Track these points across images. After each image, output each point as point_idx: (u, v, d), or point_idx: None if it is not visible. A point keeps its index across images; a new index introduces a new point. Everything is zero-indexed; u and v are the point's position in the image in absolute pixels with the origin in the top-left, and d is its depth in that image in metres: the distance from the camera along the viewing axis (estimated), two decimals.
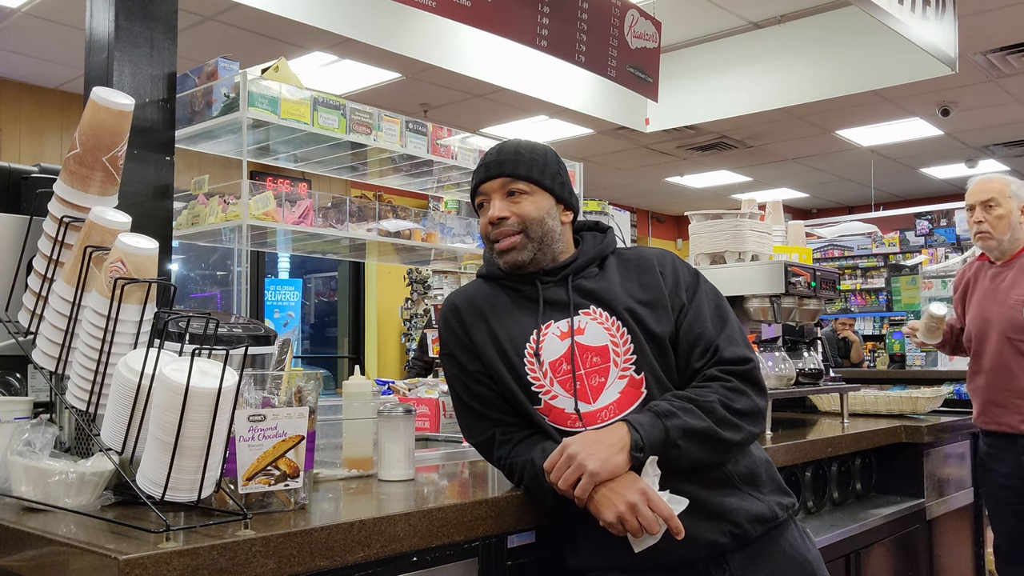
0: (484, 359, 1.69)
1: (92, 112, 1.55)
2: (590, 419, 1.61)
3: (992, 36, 5.90)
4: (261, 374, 1.47)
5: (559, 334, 1.67)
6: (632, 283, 1.72)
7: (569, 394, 1.63)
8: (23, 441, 1.45)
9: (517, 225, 1.68)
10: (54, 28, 5.67)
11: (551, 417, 1.64)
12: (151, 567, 1.11)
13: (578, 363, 1.64)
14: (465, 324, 1.72)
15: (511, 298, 1.73)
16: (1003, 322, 2.99)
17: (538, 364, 1.65)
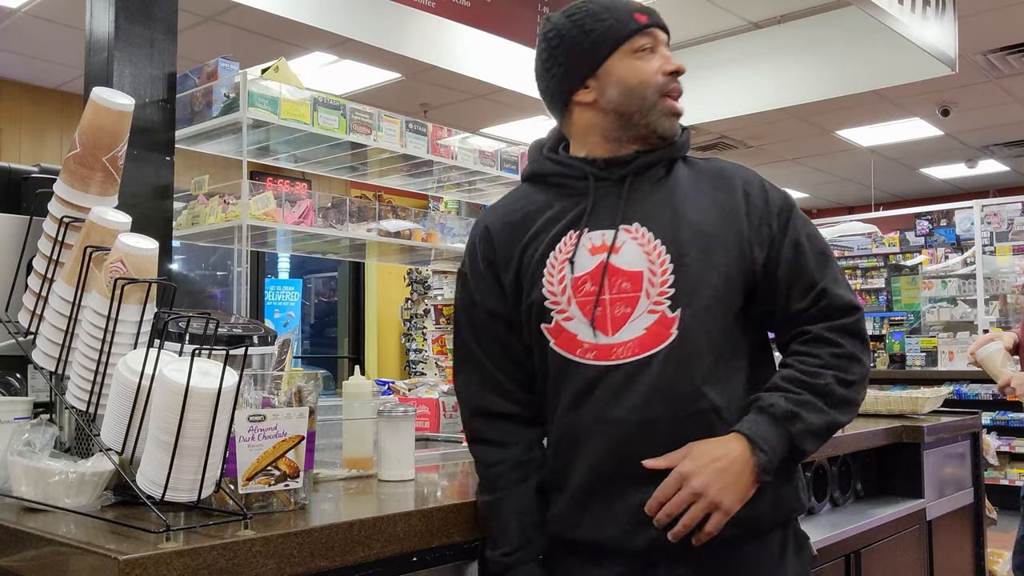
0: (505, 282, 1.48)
1: (92, 112, 1.55)
2: (603, 353, 1.38)
3: (992, 36, 5.90)
4: (261, 374, 1.47)
5: (590, 247, 1.43)
6: (702, 200, 1.45)
7: (586, 318, 1.40)
8: (23, 441, 1.45)
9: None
10: (54, 28, 5.67)
11: (558, 340, 1.42)
12: (151, 567, 1.11)
13: (605, 285, 1.40)
14: (494, 249, 1.51)
15: (554, 200, 1.49)
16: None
17: (558, 278, 1.43)
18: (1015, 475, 6.86)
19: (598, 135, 1.48)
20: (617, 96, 1.44)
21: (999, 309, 7.39)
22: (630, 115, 1.44)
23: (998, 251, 7.68)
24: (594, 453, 1.39)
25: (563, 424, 1.43)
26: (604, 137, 1.48)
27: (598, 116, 1.47)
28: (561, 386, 1.42)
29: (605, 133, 1.48)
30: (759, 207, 1.46)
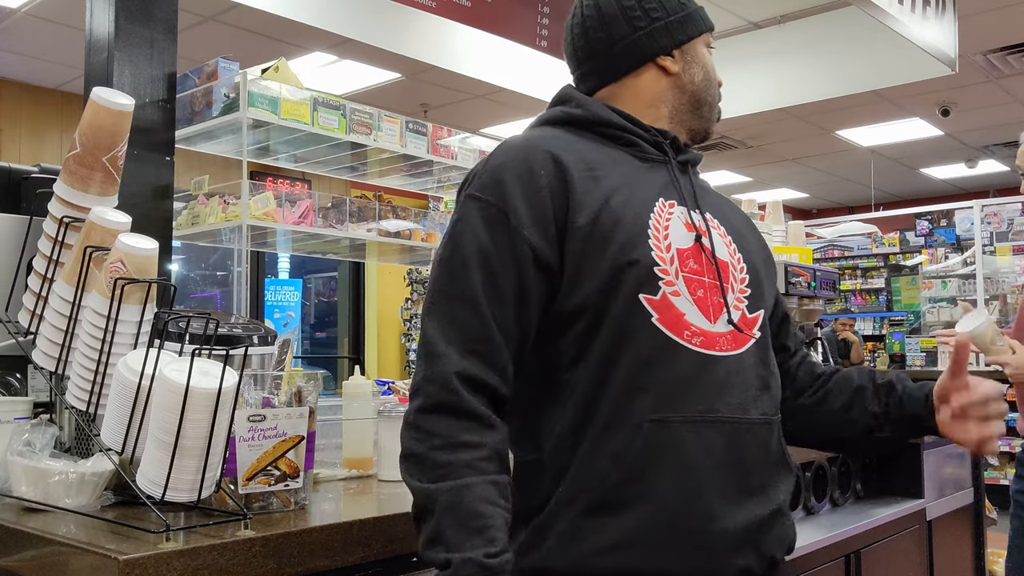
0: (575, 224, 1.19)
1: (92, 112, 1.55)
2: (709, 341, 1.21)
3: (992, 36, 5.90)
4: (261, 374, 1.47)
5: (685, 222, 1.27)
6: (739, 218, 1.42)
7: (691, 298, 1.22)
8: (23, 441, 1.45)
9: None
10: (54, 28, 5.67)
11: (662, 317, 1.18)
12: (151, 567, 1.11)
13: (705, 266, 1.26)
14: (568, 182, 1.20)
15: (628, 158, 1.31)
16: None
17: (664, 244, 1.23)
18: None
19: (667, 109, 1.38)
20: (700, 80, 1.39)
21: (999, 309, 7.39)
22: (704, 103, 1.40)
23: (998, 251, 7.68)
24: (692, 458, 1.16)
25: (662, 419, 1.15)
26: (671, 114, 1.38)
27: (674, 91, 1.37)
28: (656, 372, 1.16)
29: (674, 111, 1.38)
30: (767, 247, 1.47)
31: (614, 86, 1.38)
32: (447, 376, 1.12)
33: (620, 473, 1.14)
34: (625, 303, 1.17)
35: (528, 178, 1.20)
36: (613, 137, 1.32)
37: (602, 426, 1.16)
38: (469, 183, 1.24)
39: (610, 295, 1.17)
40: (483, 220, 1.18)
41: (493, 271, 1.16)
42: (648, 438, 1.14)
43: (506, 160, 1.22)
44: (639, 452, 1.14)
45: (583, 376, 1.18)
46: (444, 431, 1.11)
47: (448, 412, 1.12)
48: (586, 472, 1.15)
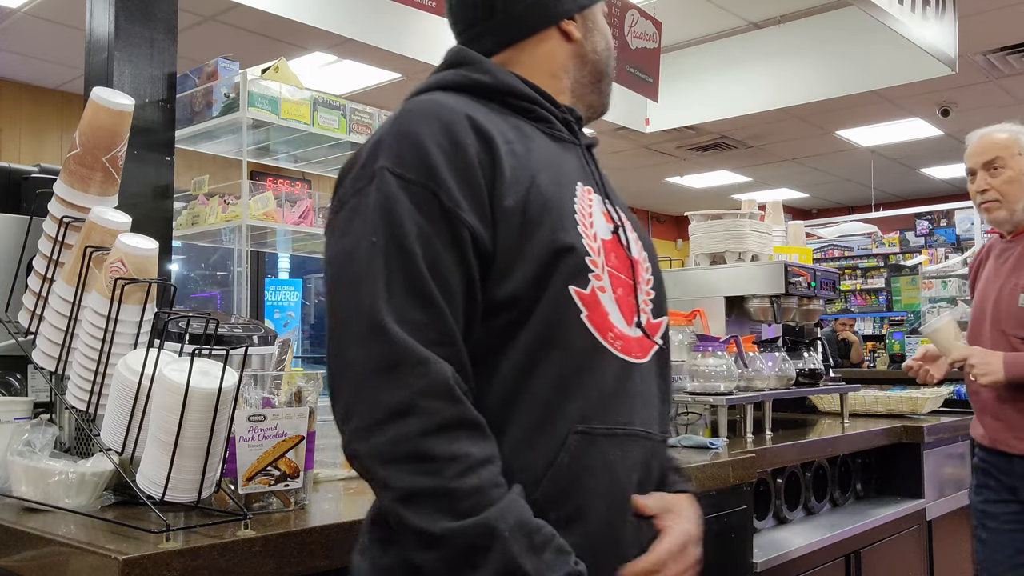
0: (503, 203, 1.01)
1: (92, 112, 1.55)
2: (628, 346, 1.08)
3: (992, 36, 5.90)
4: (261, 374, 1.47)
5: (603, 211, 1.12)
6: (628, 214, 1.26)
7: (614, 296, 1.08)
8: (23, 441, 1.45)
9: None
10: (54, 28, 5.67)
11: (591, 315, 1.04)
12: (151, 567, 1.11)
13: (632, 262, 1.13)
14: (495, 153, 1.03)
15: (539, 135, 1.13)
16: (998, 311, 2.39)
17: (591, 232, 1.07)
18: None
19: (568, 82, 1.21)
20: (602, 49, 1.23)
21: None
22: (604, 76, 1.24)
23: None
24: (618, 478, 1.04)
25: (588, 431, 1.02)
26: (572, 88, 1.21)
27: (575, 61, 1.21)
28: (582, 378, 1.03)
29: (575, 85, 1.21)
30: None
31: (512, 51, 1.18)
32: (446, 383, 0.93)
33: (542, 492, 0.99)
34: (555, 296, 1.02)
35: (454, 151, 1.01)
36: (522, 110, 1.13)
37: (521, 437, 1.00)
38: (376, 155, 1.01)
39: (540, 286, 1.01)
40: (412, 202, 0.98)
41: (438, 260, 0.97)
42: (574, 453, 1.00)
43: (425, 129, 1.01)
44: (564, 469, 0.99)
45: (498, 377, 1.01)
46: (462, 451, 0.92)
47: (462, 427, 0.93)
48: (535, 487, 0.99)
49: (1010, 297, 2.36)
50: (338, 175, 1.07)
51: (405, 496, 0.91)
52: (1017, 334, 2.32)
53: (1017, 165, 2.43)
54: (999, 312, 2.37)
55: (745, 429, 2.50)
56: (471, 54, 1.16)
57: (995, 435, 2.40)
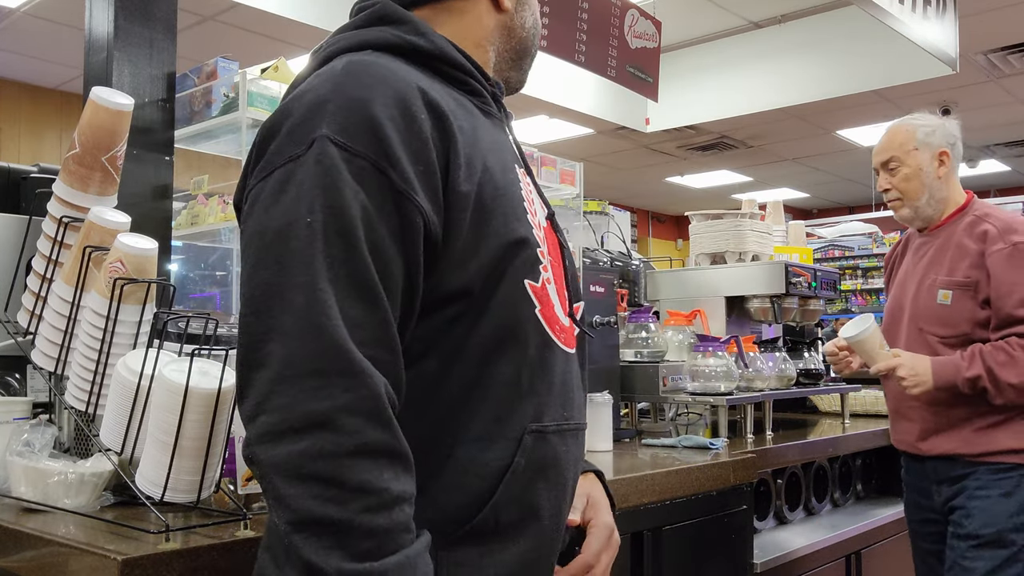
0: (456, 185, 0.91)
1: (91, 112, 1.55)
2: (568, 339, 1.04)
3: (992, 36, 5.90)
4: None
5: (536, 199, 1.05)
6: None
7: (556, 287, 1.02)
8: (22, 442, 1.44)
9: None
10: (54, 28, 5.66)
11: (543, 310, 0.98)
12: (151, 568, 1.11)
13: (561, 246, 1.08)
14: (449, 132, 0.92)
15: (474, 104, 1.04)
16: (916, 307, 2.29)
17: (535, 221, 1.00)
18: None
19: (492, 54, 1.11)
20: (530, 25, 1.14)
21: None
22: (528, 54, 1.15)
23: None
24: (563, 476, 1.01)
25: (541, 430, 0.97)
26: (495, 61, 1.12)
27: (502, 33, 1.11)
28: (537, 374, 0.97)
29: (498, 58, 1.12)
30: None
31: (433, 9, 1.06)
32: (377, 399, 0.82)
33: (500, 494, 0.92)
34: (509, 290, 0.94)
35: (408, 126, 0.88)
36: (456, 81, 1.02)
37: (475, 437, 0.93)
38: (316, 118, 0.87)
39: (493, 279, 0.93)
40: (357, 179, 0.85)
41: (381, 248, 0.85)
42: (529, 455, 0.95)
43: (377, 97, 0.88)
44: (521, 471, 0.94)
45: (451, 374, 0.93)
46: (377, 483, 0.80)
47: (381, 454, 0.81)
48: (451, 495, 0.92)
49: (928, 293, 2.25)
50: (261, 131, 0.92)
51: (303, 522, 0.78)
52: (935, 332, 2.22)
53: (914, 161, 2.31)
54: (917, 309, 2.27)
55: (745, 429, 2.49)
56: (398, 10, 1.02)
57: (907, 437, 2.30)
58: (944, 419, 2.19)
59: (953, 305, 2.19)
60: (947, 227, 2.30)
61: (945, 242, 2.27)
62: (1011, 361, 2.07)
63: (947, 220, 2.31)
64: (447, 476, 0.91)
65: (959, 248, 2.23)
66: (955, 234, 2.26)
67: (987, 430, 2.14)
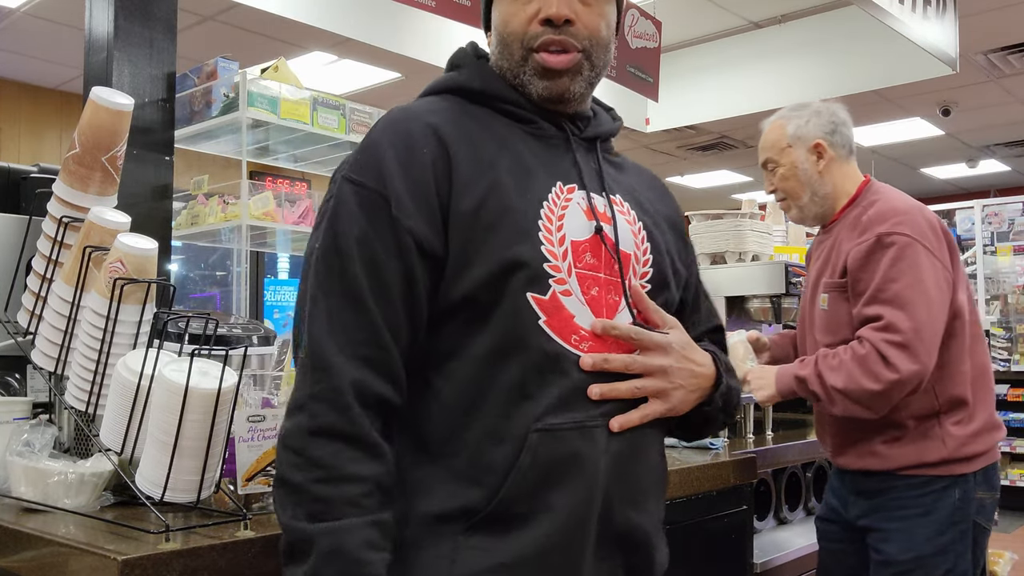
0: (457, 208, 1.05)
1: (91, 112, 1.55)
2: (599, 346, 1.08)
3: (992, 36, 5.90)
4: (261, 374, 1.47)
5: (585, 208, 1.12)
6: (653, 194, 1.26)
7: (584, 297, 1.08)
8: (22, 442, 1.44)
9: (582, 40, 1.13)
10: (54, 28, 5.66)
11: (551, 321, 1.05)
12: (150, 568, 1.11)
13: (603, 260, 1.11)
14: (449, 159, 1.06)
15: (524, 136, 1.14)
16: (809, 315, 2.14)
17: (557, 236, 1.08)
18: (1016, 475, 6.86)
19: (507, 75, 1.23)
20: (496, 48, 1.18)
21: (1000, 309, 7.38)
22: (509, 72, 1.16)
23: (999, 251, 7.67)
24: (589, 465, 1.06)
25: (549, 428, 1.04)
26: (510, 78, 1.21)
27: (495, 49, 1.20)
28: (544, 379, 1.05)
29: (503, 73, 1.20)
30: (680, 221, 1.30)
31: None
32: (338, 391, 0.98)
33: (507, 491, 1.02)
34: (512, 301, 1.04)
35: (407, 157, 1.05)
36: (507, 113, 1.15)
37: (482, 436, 1.04)
38: (344, 166, 1.10)
39: (495, 291, 1.04)
40: (360, 206, 1.04)
41: (377, 263, 1.02)
42: (537, 451, 1.03)
43: (383, 136, 1.07)
44: (528, 467, 1.02)
45: (458, 376, 1.05)
46: (329, 460, 0.97)
47: (337, 437, 0.98)
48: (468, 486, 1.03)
49: (814, 299, 2.10)
50: None
51: (279, 479, 1.01)
52: (820, 339, 2.03)
53: (788, 159, 2.17)
54: (812, 316, 2.10)
55: (746, 429, 2.49)
56: (466, 56, 1.21)
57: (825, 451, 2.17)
58: (853, 434, 2.01)
59: (830, 309, 2.02)
60: (839, 222, 2.09)
61: (834, 239, 2.07)
62: (839, 365, 1.87)
63: (839, 215, 2.11)
64: (465, 469, 1.03)
65: (839, 245, 2.03)
66: (843, 230, 2.05)
67: (894, 443, 1.96)
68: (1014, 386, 6.95)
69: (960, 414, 1.96)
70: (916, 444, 1.95)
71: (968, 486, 1.98)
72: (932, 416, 1.95)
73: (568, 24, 1.12)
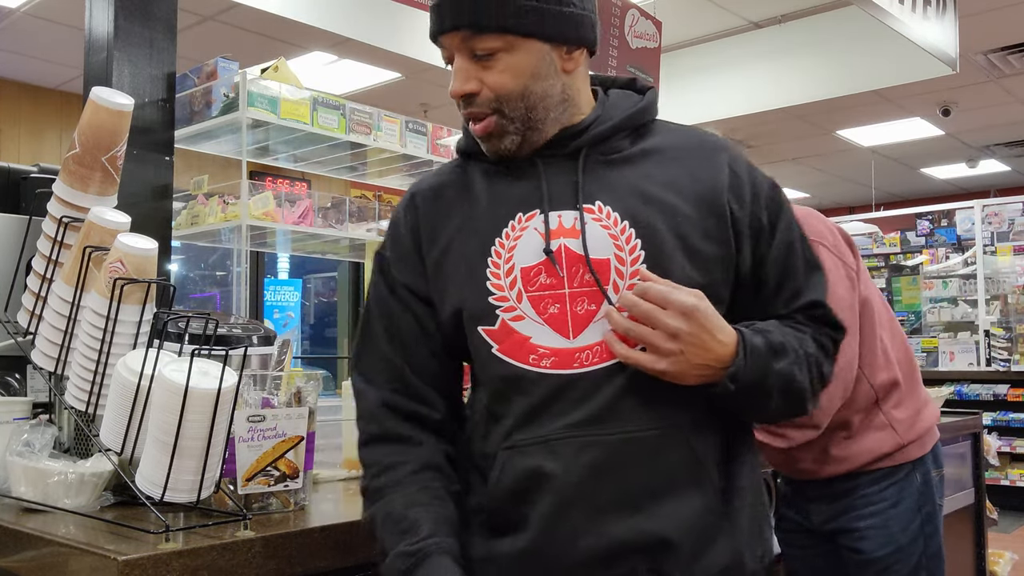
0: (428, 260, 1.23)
1: (91, 112, 1.55)
2: (564, 360, 1.13)
3: (992, 36, 5.90)
4: (261, 374, 1.47)
5: (542, 231, 1.17)
6: (678, 172, 1.20)
7: (540, 318, 1.15)
8: (22, 442, 1.44)
9: (490, 104, 1.18)
10: (54, 28, 5.66)
11: (504, 347, 1.15)
12: (150, 568, 1.11)
13: (564, 277, 1.15)
14: (418, 219, 1.25)
15: (500, 179, 1.23)
16: None
17: (506, 268, 1.17)
18: (1016, 475, 6.86)
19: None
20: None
21: (1000, 309, 7.39)
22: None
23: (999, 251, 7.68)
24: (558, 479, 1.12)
25: (513, 445, 1.14)
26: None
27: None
28: (508, 400, 1.16)
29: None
30: (747, 191, 1.21)
31: None
32: (372, 409, 1.23)
33: (493, 506, 1.17)
34: (472, 337, 1.19)
35: (395, 227, 1.28)
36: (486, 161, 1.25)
37: (479, 453, 1.20)
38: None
39: (458, 329, 1.21)
40: (377, 270, 1.29)
41: (391, 314, 1.25)
42: (505, 469, 1.15)
43: (392, 214, 1.35)
44: (500, 485, 1.15)
45: (469, 400, 1.28)
46: (375, 459, 1.22)
47: (377, 441, 1.22)
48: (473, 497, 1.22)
49: None
50: None
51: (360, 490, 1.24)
52: None
53: None
54: None
55: None
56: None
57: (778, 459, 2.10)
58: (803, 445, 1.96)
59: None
60: None
61: None
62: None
63: None
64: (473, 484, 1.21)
65: None
66: None
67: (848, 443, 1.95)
68: (1014, 386, 6.95)
69: (896, 396, 1.99)
70: (868, 437, 1.96)
71: (926, 467, 2.01)
72: (873, 405, 1.97)
73: (474, 96, 1.18)
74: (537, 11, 1.15)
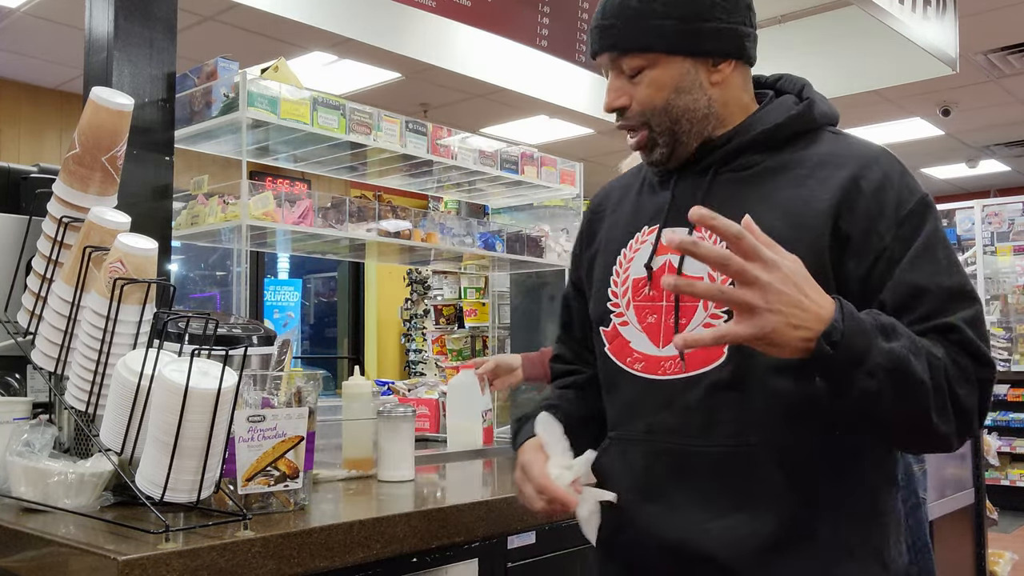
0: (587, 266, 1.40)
1: (91, 112, 1.55)
2: (651, 366, 1.23)
3: (992, 36, 5.90)
4: (261, 374, 1.47)
5: (659, 247, 1.26)
6: (794, 192, 1.18)
7: (640, 325, 1.26)
8: (22, 442, 1.44)
9: (638, 117, 1.25)
10: (54, 28, 5.66)
11: (612, 346, 1.29)
12: (150, 568, 1.11)
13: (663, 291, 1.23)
14: (588, 220, 1.44)
15: (648, 189, 1.34)
16: None
17: (623, 277, 1.30)
18: (1016, 475, 6.86)
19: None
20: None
21: (1000, 309, 7.38)
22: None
23: (999, 251, 7.67)
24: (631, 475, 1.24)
25: (611, 437, 1.30)
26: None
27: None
28: (611, 395, 1.31)
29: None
30: (869, 206, 1.14)
31: None
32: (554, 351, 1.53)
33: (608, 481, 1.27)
34: (594, 332, 1.35)
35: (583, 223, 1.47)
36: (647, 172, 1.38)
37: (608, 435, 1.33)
38: None
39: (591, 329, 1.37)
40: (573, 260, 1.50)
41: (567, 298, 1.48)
42: (603, 455, 1.28)
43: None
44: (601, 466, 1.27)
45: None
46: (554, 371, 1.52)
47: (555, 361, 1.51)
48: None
49: None
50: None
51: None
52: None
53: None
54: None
55: None
56: None
57: None
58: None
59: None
60: None
61: None
62: None
63: None
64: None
65: None
66: None
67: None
68: (1014, 386, 6.95)
69: None
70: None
71: (906, 461, 2.03)
72: None
73: (624, 110, 1.27)
74: (677, 28, 1.21)
